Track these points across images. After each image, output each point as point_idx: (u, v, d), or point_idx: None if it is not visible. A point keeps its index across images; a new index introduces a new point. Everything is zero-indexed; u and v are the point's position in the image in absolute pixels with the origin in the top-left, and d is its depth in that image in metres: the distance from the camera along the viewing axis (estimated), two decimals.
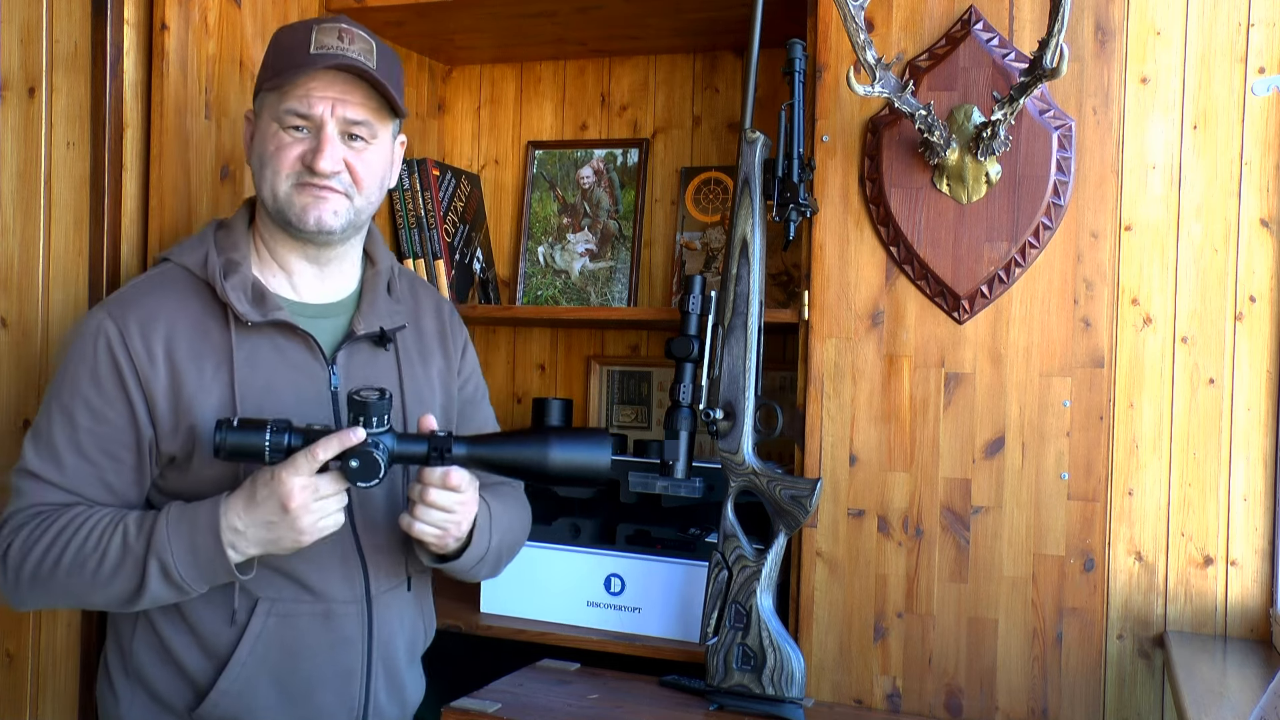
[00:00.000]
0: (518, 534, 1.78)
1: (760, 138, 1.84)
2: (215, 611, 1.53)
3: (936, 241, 1.78)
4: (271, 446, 1.40)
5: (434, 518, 1.48)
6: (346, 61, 1.51)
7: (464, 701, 1.76)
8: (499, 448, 1.48)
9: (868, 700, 1.81)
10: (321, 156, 1.51)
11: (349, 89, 1.54)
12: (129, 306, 1.53)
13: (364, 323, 1.62)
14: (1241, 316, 1.70)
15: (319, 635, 1.57)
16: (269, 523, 1.41)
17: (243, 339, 1.54)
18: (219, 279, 1.54)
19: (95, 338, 1.51)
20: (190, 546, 1.43)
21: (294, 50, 1.53)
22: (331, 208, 1.54)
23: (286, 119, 1.53)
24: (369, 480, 1.40)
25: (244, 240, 1.61)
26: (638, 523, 2.06)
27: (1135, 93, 1.74)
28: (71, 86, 1.80)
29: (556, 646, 2.02)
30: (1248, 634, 1.69)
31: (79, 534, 1.45)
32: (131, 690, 1.57)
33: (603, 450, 1.47)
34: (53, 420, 1.51)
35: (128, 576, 1.45)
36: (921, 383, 1.79)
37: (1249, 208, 1.70)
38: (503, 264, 2.52)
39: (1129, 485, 1.73)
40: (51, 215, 1.81)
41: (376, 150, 1.58)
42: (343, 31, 1.55)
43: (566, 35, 2.33)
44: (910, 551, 1.79)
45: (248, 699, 1.54)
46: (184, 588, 1.45)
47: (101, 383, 1.50)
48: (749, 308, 1.82)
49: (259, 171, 1.57)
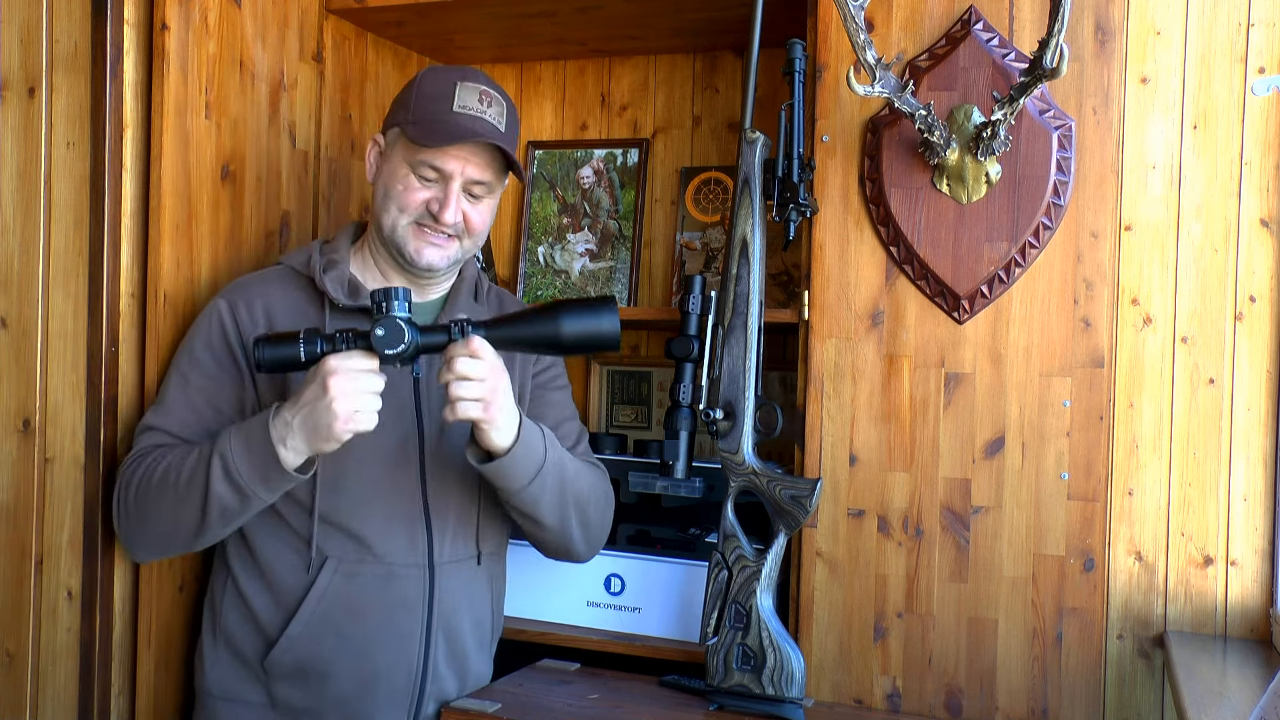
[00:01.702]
0: (587, 490, 1.76)
1: (760, 138, 1.84)
2: (289, 565, 1.69)
3: (936, 241, 1.78)
4: (306, 351, 1.51)
5: (469, 390, 1.54)
6: (484, 132, 1.68)
7: (464, 701, 1.77)
8: (515, 324, 1.58)
9: (868, 700, 1.81)
10: (447, 210, 1.69)
11: (478, 151, 1.70)
12: (238, 289, 1.76)
13: (447, 315, 1.78)
14: (1241, 316, 1.70)
15: (379, 595, 1.69)
16: (311, 406, 1.51)
17: (335, 321, 1.71)
18: (319, 271, 1.73)
19: (210, 315, 1.74)
20: (245, 442, 1.56)
21: (437, 103, 1.69)
22: (444, 253, 1.73)
23: (419, 169, 1.69)
24: (395, 346, 1.49)
25: (346, 249, 1.79)
26: (638, 523, 2.06)
27: (1135, 93, 1.74)
28: (71, 86, 1.80)
29: (556, 646, 2.02)
30: (1248, 634, 1.69)
31: (168, 458, 1.63)
32: (216, 650, 1.74)
33: (610, 316, 1.56)
34: (169, 383, 1.72)
35: (199, 483, 1.58)
36: (921, 383, 1.79)
37: (1249, 208, 1.70)
38: (503, 264, 2.52)
39: (1129, 485, 1.73)
40: (51, 215, 1.81)
41: (490, 203, 1.77)
42: (483, 94, 1.71)
43: (566, 35, 2.33)
44: (910, 551, 1.79)
45: (313, 649, 1.68)
46: (243, 486, 1.56)
47: (213, 347, 1.71)
48: (749, 308, 1.82)
49: (382, 202, 1.73)
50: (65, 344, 1.80)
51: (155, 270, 1.81)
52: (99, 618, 1.77)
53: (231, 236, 1.95)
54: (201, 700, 1.76)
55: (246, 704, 1.71)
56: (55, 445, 1.80)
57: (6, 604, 1.84)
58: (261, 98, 2.00)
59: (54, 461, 1.80)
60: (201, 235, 1.89)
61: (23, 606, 1.83)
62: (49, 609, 1.81)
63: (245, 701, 1.72)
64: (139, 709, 1.81)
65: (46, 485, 1.81)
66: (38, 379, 1.81)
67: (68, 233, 1.80)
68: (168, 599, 1.85)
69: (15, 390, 1.83)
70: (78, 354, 1.79)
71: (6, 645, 1.84)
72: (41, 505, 1.82)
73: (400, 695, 1.71)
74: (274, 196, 2.04)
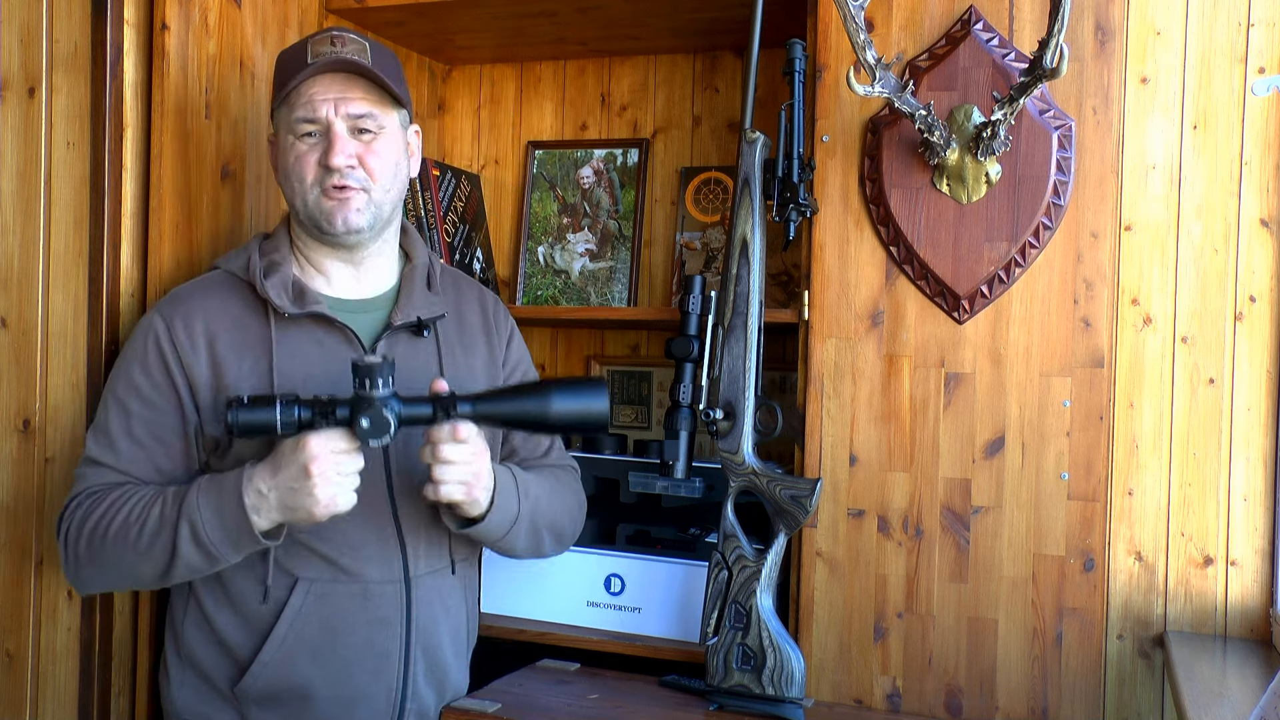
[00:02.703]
0: (559, 511, 1.77)
1: (760, 138, 1.84)
2: (256, 589, 1.62)
3: (936, 241, 1.78)
4: (283, 421, 1.45)
5: (452, 474, 1.52)
6: (339, 60, 1.60)
7: (464, 701, 1.76)
8: (502, 401, 1.53)
9: (868, 700, 1.81)
10: (334, 153, 1.60)
11: (349, 86, 1.62)
12: (175, 305, 1.66)
13: (401, 314, 1.69)
14: (1241, 316, 1.70)
15: (356, 614, 1.63)
16: (290, 488, 1.47)
17: (282, 332, 1.63)
18: (259, 278, 1.64)
19: (145, 334, 1.64)
20: (218, 509, 1.51)
21: (293, 64, 1.63)
22: (354, 206, 1.62)
23: (298, 128, 1.62)
24: (379, 437, 1.45)
25: (285, 246, 1.70)
26: (638, 523, 2.06)
27: (1135, 93, 1.74)
28: (71, 86, 1.80)
29: (556, 646, 2.02)
30: (1248, 634, 1.69)
31: (125, 506, 1.55)
32: (182, 671, 1.67)
33: (600, 398, 1.53)
34: (109, 411, 1.63)
35: (164, 542, 1.52)
36: (921, 383, 1.79)
37: (1249, 208, 1.70)
38: (503, 264, 2.52)
39: (1129, 485, 1.73)
40: (51, 215, 1.81)
41: (386, 140, 1.65)
42: (334, 38, 1.63)
43: (566, 35, 2.33)
44: (910, 551, 1.79)
45: (287, 673, 1.62)
46: (212, 552, 1.52)
47: (150, 371, 1.62)
48: (749, 308, 1.82)
49: (285, 184, 1.66)
50: (65, 344, 1.80)
51: (155, 270, 1.81)
52: (99, 618, 1.77)
53: (231, 236, 1.95)
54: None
55: None
56: (55, 445, 1.80)
57: (6, 604, 1.84)
58: (261, 98, 2.00)
59: (54, 461, 1.80)
60: (201, 235, 1.89)
61: (23, 606, 1.83)
62: (49, 609, 1.81)
63: None
64: (139, 709, 1.81)
65: (46, 485, 1.81)
66: (38, 379, 1.81)
67: (68, 233, 1.80)
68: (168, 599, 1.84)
69: (15, 390, 1.83)
70: (78, 354, 1.79)
71: (6, 645, 1.84)
72: (41, 505, 1.82)
73: (380, 714, 1.66)
74: (274, 196, 2.04)
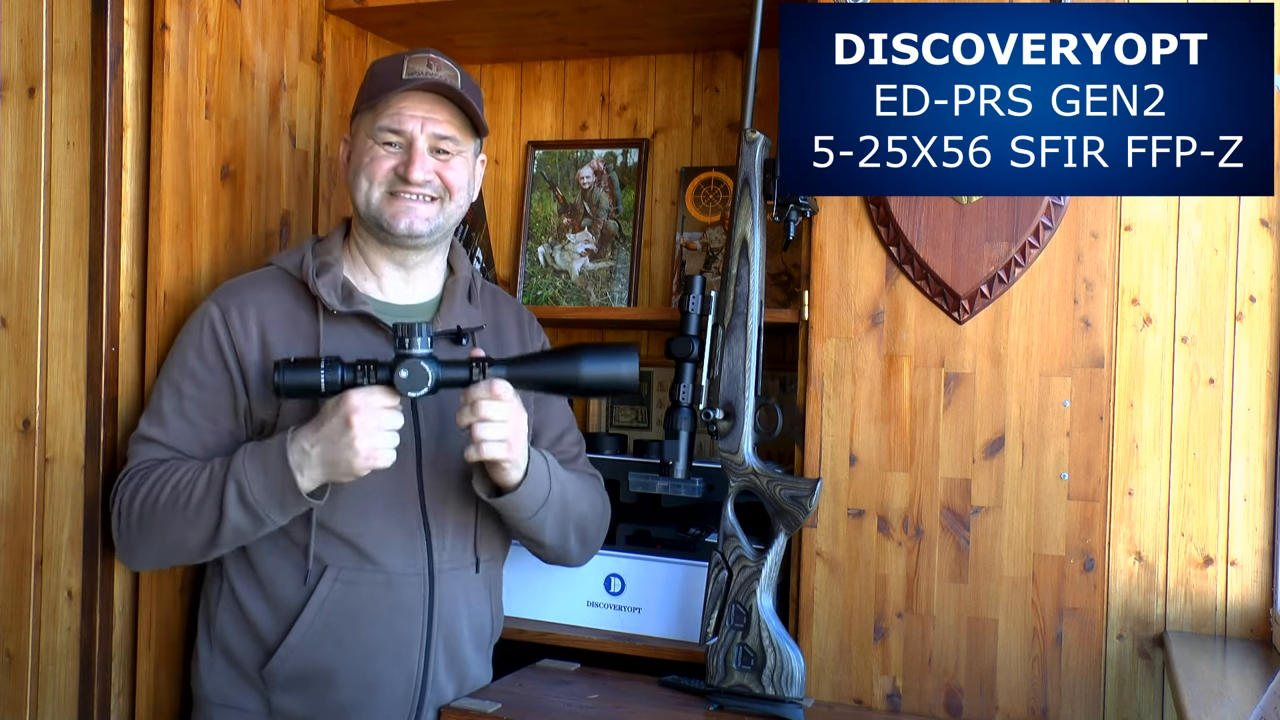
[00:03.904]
0: (587, 508, 1.80)
1: (760, 138, 1.84)
2: (288, 575, 1.68)
3: (936, 241, 1.78)
4: (327, 380, 1.52)
5: (493, 431, 1.56)
6: (434, 81, 1.69)
7: (464, 702, 1.76)
8: (535, 364, 1.59)
9: (868, 700, 1.81)
10: (414, 167, 1.68)
11: (436, 107, 1.71)
12: (230, 295, 1.73)
13: (443, 321, 1.77)
14: (1241, 316, 1.70)
15: (379, 602, 1.68)
16: (332, 441, 1.53)
17: (330, 329, 1.70)
18: (312, 276, 1.71)
19: (201, 320, 1.71)
20: (262, 469, 1.57)
21: (387, 76, 1.71)
22: (422, 215, 1.71)
23: (380, 135, 1.70)
24: (418, 389, 1.52)
25: (339, 248, 1.78)
26: (638, 523, 2.06)
27: None
28: (71, 86, 1.79)
29: (556, 646, 2.02)
30: (1248, 634, 1.69)
31: (174, 475, 1.62)
32: (211, 655, 1.73)
33: (630, 361, 1.57)
34: (162, 392, 1.70)
35: (211, 505, 1.59)
36: (921, 383, 1.79)
37: (1249, 207, 1.70)
38: (503, 264, 2.52)
39: (1129, 485, 1.73)
40: (51, 215, 1.81)
41: (461, 162, 1.75)
42: (431, 60, 1.72)
43: (566, 35, 2.33)
44: (910, 551, 1.79)
45: (312, 658, 1.68)
46: (259, 512, 1.58)
47: (205, 355, 1.69)
48: (749, 308, 1.82)
49: (354, 182, 1.73)
50: (65, 344, 1.80)
51: (155, 270, 1.81)
52: (99, 618, 1.77)
53: (231, 236, 1.95)
54: (199, 706, 1.75)
55: (243, 711, 1.71)
56: (55, 445, 1.80)
57: (6, 604, 1.84)
58: (261, 98, 2.00)
59: (54, 461, 1.80)
60: (201, 235, 1.89)
61: (23, 606, 1.83)
62: (49, 609, 1.81)
63: (242, 709, 1.71)
64: (139, 709, 1.81)
65: (46, 485, 1.81)
66: (38, 379, 1.81)
67: (68, 233, 1.80)
68: (168, 599, 1.85)
69: (15, 390, 1.83)
70: (78, 354, 1.79)
71: (6, 645, 1.84)
72: (41, 505, 1.82)
73: (400, 702, 1.71)
74: (274, 196, 2.04)
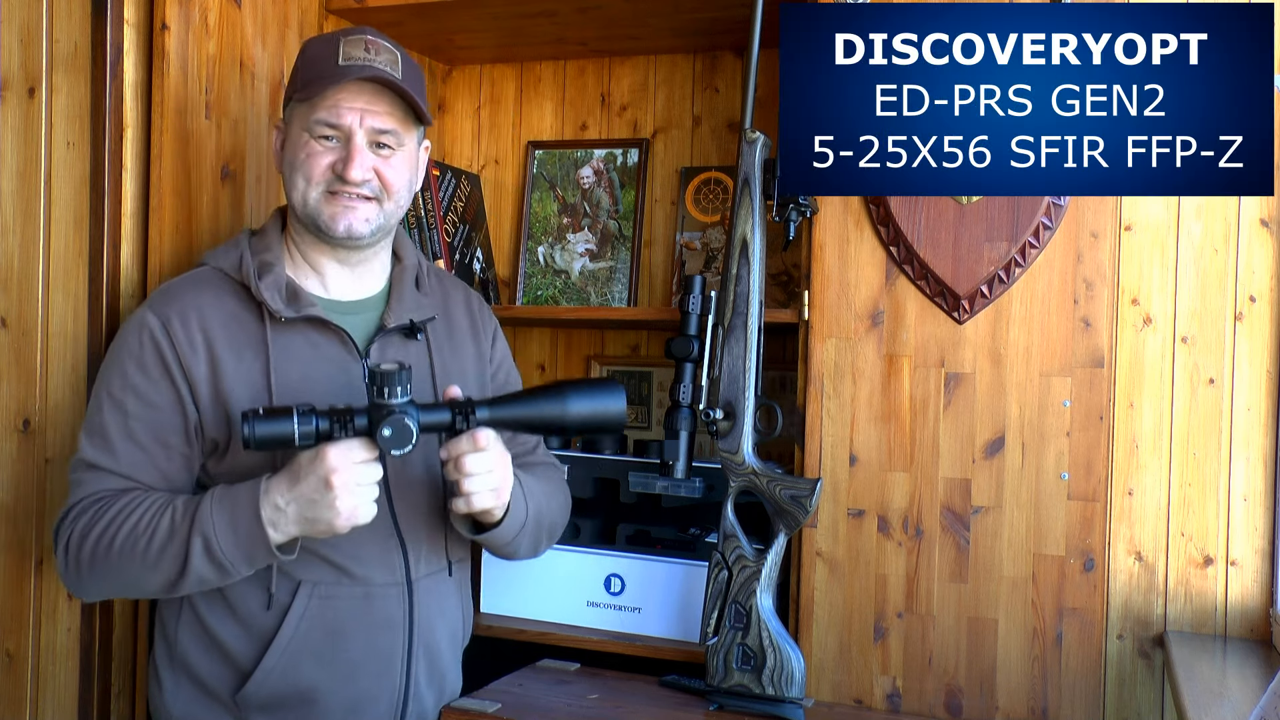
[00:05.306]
0: (555, 512, 1.79)
1: (760, 138, 1.84)
2: (257, 595, 1.58)
3: (936, 241, 1.78)
4: (301, 432, 1.41)
5: (479, 484, 1.51)
6: (373, 73, 1.56)
7: (464, 701, 1.76)
8: (520, 405, 1.52)
9: (868, 700, 1.81)
10: (352, 166, 1.57)
11: (376, 99, 1.59)
12: (169, 300, 1.60)
13: (394, 316, 1.67)
14: (1241, 316, 1.70)
15: (360, 616, 1.61)
16: (310, 500, 1.44)
17: (277, 334, 1.60)
18: (253, 279, 1.60)
19: (139, 330, 1.58)
20: (231, 523, 1.47)
21: (322, 62, 1.58)
22: (362, 215, 1.60)
23: (316, 129, 1.58)
24: (402, 447, 1.42)
25: (277, 244, 1.67)
26: (638, 523, 2.06)
27: None
28: (71, 86, 1.80)
29: (556, 646, 2.02)
30: (1248, 634, 1.69)
31: (132, 516, 1.50)
32: (176, 679, 1.62)
33: (617, 399, 1.51)
34: (104, 411, 1.56)
35: (174, 555, 1.48)
36: (921, 383, 1.79)
37: (1249, 207, 1.70)
38: (503, 264, 2.52)
39: (1129, 485, 1.73)
40: (51, 215, 1.81)
41: (403, 157, 1.64)
42: (369, 43, 1.59)
43: (566, 35, 2.33)
44: (910, 551, 1.79)
45: (291, 679, 1.58)
46: (226, 566, 1.48)
47: (147, 369, 1.56)
48: (749, 308, 1.82)
49: (289, 178, 1.62)
50: (65, 344, 1.80)
51: (155, 270, 1.81)
52: (99, 619, 1.77)
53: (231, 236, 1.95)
54: None
55: None
56: (55, 445, 1.80)
57: (6, 604, 1.84)
58: (261, 98, 2.00)
59: (54, 461, 1.80)
60: (201, 235, 1.89)
61: (23, 606, 1.83)
62: (49, 609, 1.81)
63: None
64: (139, 710, 1.81)
65: (46, 485, 1.81)
66: (38, 379, 1.81)
67: (68, 233, 1.80)
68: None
69: (15, 390, 1.83)
70: (78, 354, 1.79)
71: (6, 645, 1.84)
72: (41, 505, 1.82)
73: (384, 716, 1.65)
74: (274, 196, 2.04)
